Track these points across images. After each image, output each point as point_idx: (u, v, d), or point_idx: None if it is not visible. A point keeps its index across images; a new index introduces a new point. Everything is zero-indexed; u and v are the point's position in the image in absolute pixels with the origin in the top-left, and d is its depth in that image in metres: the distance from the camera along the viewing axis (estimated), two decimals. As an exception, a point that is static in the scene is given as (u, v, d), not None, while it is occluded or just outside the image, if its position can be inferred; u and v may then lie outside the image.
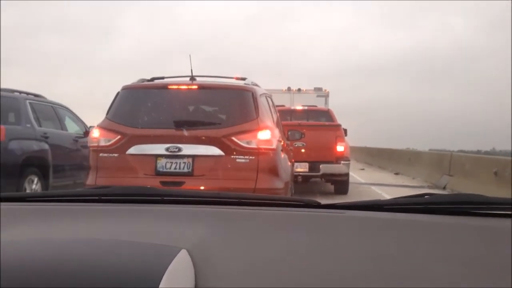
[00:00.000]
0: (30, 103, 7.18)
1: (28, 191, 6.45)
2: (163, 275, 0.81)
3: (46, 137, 7.04)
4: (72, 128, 8.25)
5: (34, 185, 6.70)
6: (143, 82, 5.19)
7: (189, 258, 0.92)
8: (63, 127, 7.78)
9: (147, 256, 0.90)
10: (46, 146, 7.01)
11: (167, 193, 1.43)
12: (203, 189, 4.31)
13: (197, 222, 1.14)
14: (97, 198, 1.38)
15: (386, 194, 9.48)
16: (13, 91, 7.18)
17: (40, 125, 7.12)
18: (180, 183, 4.52)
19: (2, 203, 1.34)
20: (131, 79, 5.19)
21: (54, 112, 7.85)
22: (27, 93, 7.39)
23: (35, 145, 6.87)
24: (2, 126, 6.24)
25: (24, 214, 1.25)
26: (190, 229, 1.09)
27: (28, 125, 6.87)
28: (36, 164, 6.77)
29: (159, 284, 0.79)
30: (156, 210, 1.27)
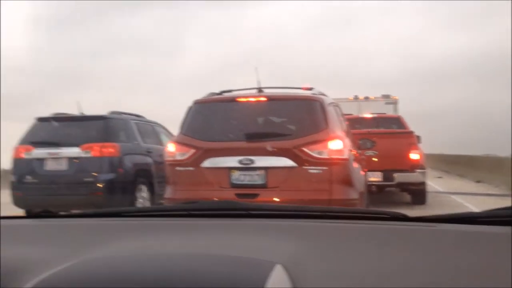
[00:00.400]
0: (135, 123, 8.14)
1: (139, 199, 7.43)
2: None
3: (150, 152, 7.82)
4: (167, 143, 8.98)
5: (143, 193, 7.62)
6: (212, 95, 5.33)
7: (285, 273, 0.92)
8: (160, 142, 8.49)
9: (244, 270, 0.92)
10: (150, 160, 7.82)
11: (253, 207, 1.44)
12: (286, 203, 4.31)
13: (286, 236, 1.14)
14: (186, 213, 1.42)
15: (469, 204, 8.96)
16: (120, 113, 8.12)
17: (144, 142, 8.04)
18: (254, 195, 4.57)
19: (100, 219, 1.43)
20: (199, 93, 5.35)
21: (153, 130, 8.76)
22: (131, 114, 8.40)
23: (142, 159, 7.77)
24: (117, 144, 7.21)
25: (120, 229, 1.31)
26: (280, 243, 1.09)
27: (136, 142, 7.82)
28: (143, 175, 7.65)
29: None
30: (244, 224, 1.28)
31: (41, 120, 7.54)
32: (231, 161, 4.69)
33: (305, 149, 4.57)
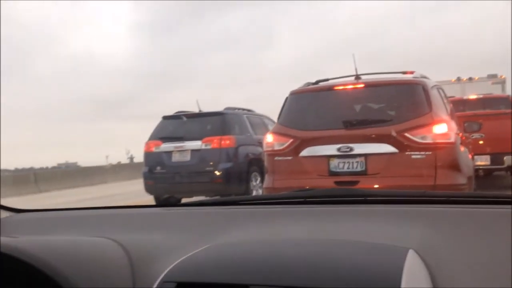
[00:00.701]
0: (246, 116, 8.98)
1: (253, 185, 8.29)
2: (401, 275, 0.80)
3: (260, 143, 8.31)
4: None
5: (256, 182, 8.44)
6: (308, 85, 5.33)
7: (419, 259, 0.90)
8: None
9: (378, 256, 0.90)
10: (261, 150, 8.42)
11: (370, 193, 1.42)
12: (405, 189, 4.21)
13: (410, 222, 1.11)
14: (302, 200, 1.43)
15: None
16: (234, 108, 9.04)
17: (255, 134, 8.83)
18: (354, 183, 4.51)
19: (219, 207, 1.48)
20: (294, 85, 5.37)
21: (262, 122, 9.50)
22: (243, 109, 9.26)
23: (254, 150, 8.50)
24: (232, 136, 8.13)
25: (239, 217, 1.34)
26: (405, 229, 1.07)
27: (248, 134, 8.69)
28: (255, 164, 8.35)
29: (400, 284, 0.78)
30: (362, 210, 1.26)
31: (166, 118, 8.66)
32: (330, 149, 4.67)
33: (407, 134, 4.42)
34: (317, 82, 5.39)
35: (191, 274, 0.93)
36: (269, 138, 5.07)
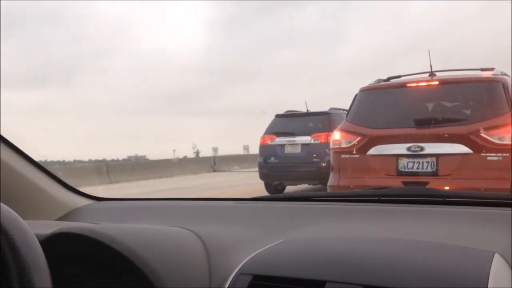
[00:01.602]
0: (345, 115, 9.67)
1: None
2: (488, 279, 0.78)
3: None
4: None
5: None
6: (379, 82, 5.20)
7: (505, 263, 0.88)
8: None
9: (463, 259, 0.88)
10: None
11: (448, 194, 1.38)
12: (484, 189, 4.05)
13: (494, 224, 1.08)
14: (376, 198, 1.41)
15: None
16: (337, 109, 9.58)
17: None
18: (424, 184, 4.35)
19: (292, 202, 1.48)
20: (360, 83, 5.27)
21: None
22: (343, 109, 9.27)
23: None
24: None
25: (312, 213, 1.33)
26: (489, 231, 1.04)
27: None
28: None
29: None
30: (440, 211, 1.23)
31: (279, 116, 9.87)
32: (399, 148, 4.54)
33: (483, 135, 4.20)
34: (388, 79, 5.26)
35: (267, 267, 0.93)
36: (336, 135, 5.01)
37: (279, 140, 9.33)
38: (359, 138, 4.75)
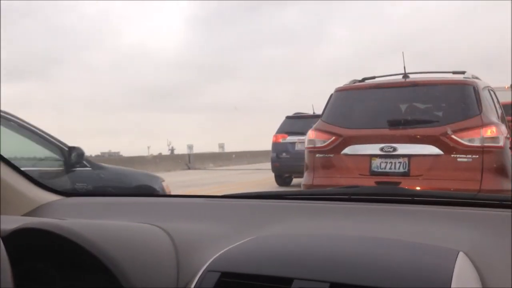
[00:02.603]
0: None
1: None
2: (451, 277, 0.79)
3: None
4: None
5: None
6: (354, 83, 5.26)
7: (469, 261, 0.89)
8: None
9: (428, 257, 0.89)
10: None
11: (417, 193, 1.39)
12: (454, 190, 4.13)
13: (459, 223, 1.10)
14: (347, 197, 1.41)
15: None
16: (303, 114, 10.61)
17: None
18: (396, 184, 4.42)
19: (264, 200, 1.48)
20: (340, 81, 5.33)
21: None
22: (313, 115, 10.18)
23: None
24: None
25: (283, 211, 1.33)
26: (453, 230, 1.06)
27: None
28: None
29: (450, 286, 0.77)
30: (408, 210, 1.24)
31: (289, 117, 11.16)
32: (373, 149, 4.60)
33: (454, 136, 4.30)
34: (363, 80, 5.32)
35: (235, 264, 0.93)
36: (311, 134, 5.05)
37: (290, 138, 10.61)
38: (333, 137, 4.80)
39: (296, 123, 10.79)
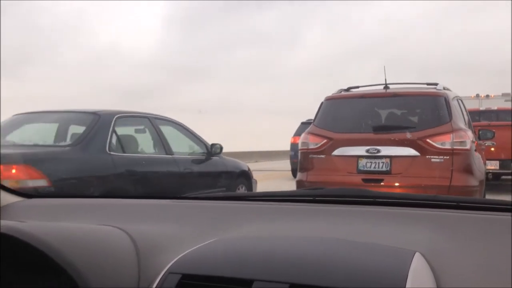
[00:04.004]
0: None
1: None
2: (406, 277, 0.81)
3: None
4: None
5: None
6: (341, 92, 5.95)
7: (425, 262, 0.91)
8: None
9: (383, 257, 0.91)
10: None
11: (380, 195, 1.40)
12: (408, 188, 4.85)
13: (417, 225, 1.12)
14: (311, 198, 1.42)
15: None
16: None
17: None
18: (379, 180, 5.14)
19: (228, 202, 1.49)
20: (314, 84, 6.00)
21: None
22: None
23: None
24: None
25: (247, 212, 1.35)
26: (412, 232, 1.08)
27: None
28: None
29: (405, 285, 0.79)
30: (370, 211, 1.25)
31: (303, 123, 13.37)
32: (359, 150, 5.29)
33: (428, 140, 5.02)
34: (348, 89, 6.02)
35: (196, 266, 0.93)
36: (304, 138, 5.71)
37: None
38: (325, 140, 5.47)
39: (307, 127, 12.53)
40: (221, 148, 6.38)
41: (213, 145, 6.31)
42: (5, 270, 0.96)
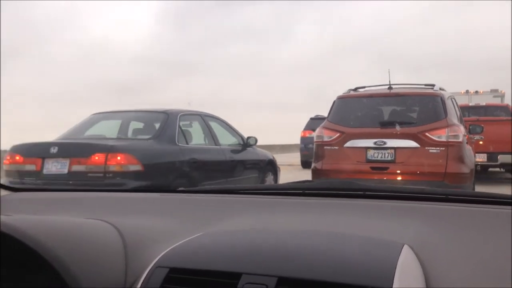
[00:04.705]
0: None
1: None
2: (395, 270, 0.82)
3: None
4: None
5: None
6: (349, 92, 6.82)
7: (413, 254, 0.91)
8: None
9: (373, 249, 0.91)
10: None
11: (369, 188, 1.40)
12: (410, 175, 5.73)
13: (406, 217, 1.13)
14: (301, 192, 1.41)
15: None
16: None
17: None
18: (385, 168, 6.02)
19: (218, 195, 1.49)
20: (306, 78, 6.87)
21: None
22: None
23: None
24: None
25: (238, 205, 1.35)
26: (401, 224, 1.09)
27: None
28: None
29: (393, 278, 0.80)
30: (360, 204, 1.26)
31: (312, 118, 15.18)
32: (368, 142, 6.16)
33: (427, 134, 5.90)
34: (356, 89, 6.89)
35: (184, 260, 0.93)
36: (319, 131, 6.57)
37: (313, 134, 13.17)
38: (338, 134, 6.33)
39: (317, 122, 13.31)
40: (256, 140, 7.49)
41: (248, 137, 7.45)
42: None
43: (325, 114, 13.28)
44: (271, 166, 8.05)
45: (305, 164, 15.44)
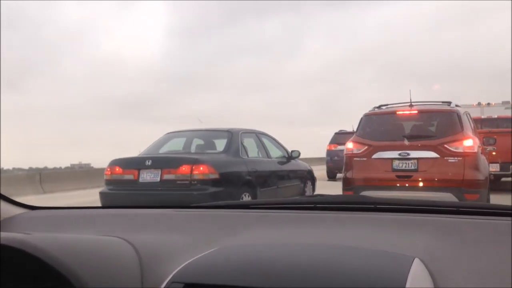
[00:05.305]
0: None
1: None
2: (405, 283, 0.82)
3: None
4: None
5: None
6: (374, 109, 7.69)
7: (424, 267, 0.92)
8: None
9: (383, 263, 0.92)
10: None
11: (380, 201, 1.40)
12: (431, 182, 6.53)
13: (417, 231, 1.13)
14: (312, 205, 1.42)
15: None
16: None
17: None
18: (409, 176, 6.84)
19: (231, 210, 1.53)
20: (314, 92, 7.78)
21: None
22: None
23: None
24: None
25: (250, 220, 1.37)
26: (412, 237, 1.09)
27: None
28: None
29: None
30: (371, 218, 1.26)
31: (337, 133, 16.69)
32: (393, 154, 6.98)
33: (446, 146, 6.73)
34: (379, 107, 7.77)
35: (199, 275, 0.94)
36: (349, 145, 7.42)
37: (339, 147, 15.15)
38: (366, 147, 7.18)
39: (342, 137, 15.39)
40: (299, 153, 8.69)
41: (292, 151, 8.68)
42: (8, 282, 0.95)
43: (335, 128, 14.40)
44: (310, 176, 9.21)
45: (331, 174, 16.81)
